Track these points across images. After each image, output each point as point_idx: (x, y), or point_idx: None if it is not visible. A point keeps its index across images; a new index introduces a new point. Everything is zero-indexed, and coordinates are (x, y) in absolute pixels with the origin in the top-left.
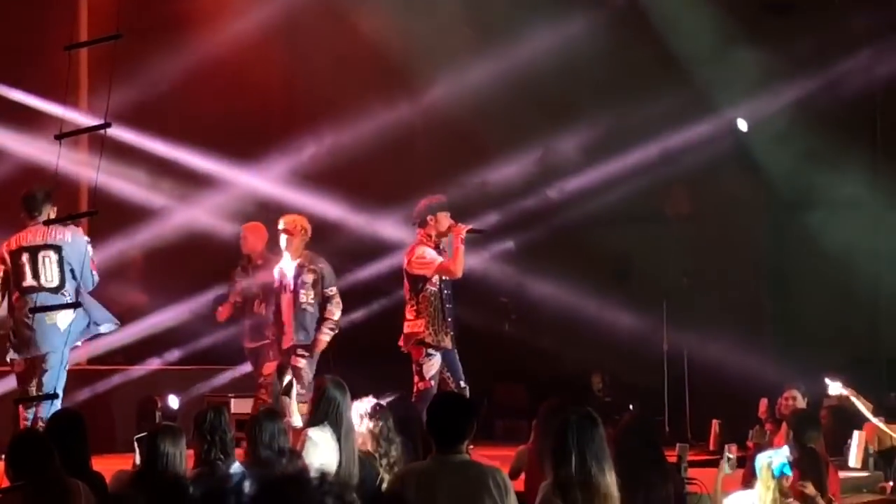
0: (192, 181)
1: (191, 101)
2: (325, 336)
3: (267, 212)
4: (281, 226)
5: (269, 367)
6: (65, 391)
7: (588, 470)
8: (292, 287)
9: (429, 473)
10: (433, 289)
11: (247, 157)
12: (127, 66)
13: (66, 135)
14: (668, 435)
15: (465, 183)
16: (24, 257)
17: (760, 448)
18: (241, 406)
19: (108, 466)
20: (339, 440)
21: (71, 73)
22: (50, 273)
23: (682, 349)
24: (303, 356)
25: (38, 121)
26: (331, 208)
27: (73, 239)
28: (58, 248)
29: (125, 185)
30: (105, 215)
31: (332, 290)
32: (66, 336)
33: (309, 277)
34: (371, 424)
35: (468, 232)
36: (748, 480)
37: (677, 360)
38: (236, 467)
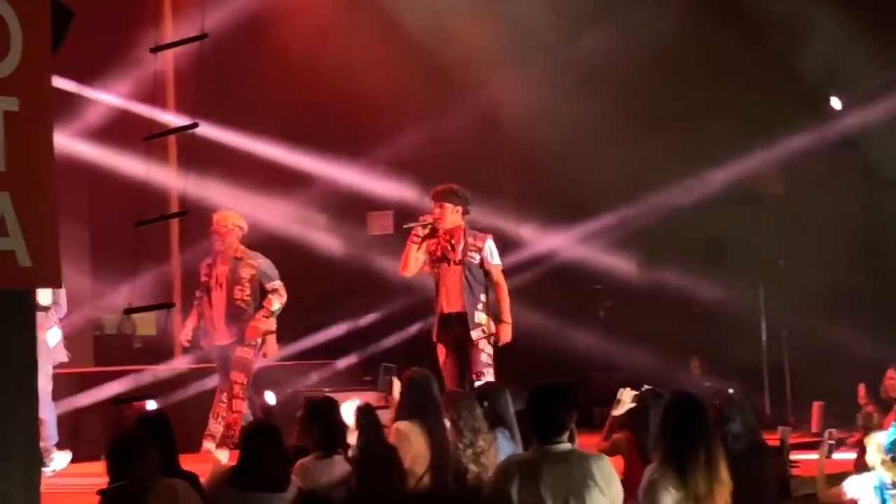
0: (281, 177)
1: (276, 97)
2: (260, 324)
3: (358, 206)
4: (213, 225)
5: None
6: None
7: (699, 455)
8: (226, 284)
9: (531, 464)
10: None
11: (338, 151)
12: (211, 65)
13: (155, 136)
14: (769, 418)
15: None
16: None
17: (869, 431)
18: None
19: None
20: (429, 432)
21: (157, 74)
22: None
23: (781, 331)
24: (246, 347)
25: (125, 123)
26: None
27: None
28: None
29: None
30: (194, 216)
31: (275, 284)
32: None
33: (246, 273)
34: (456, 415)
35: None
36: (861, 464)
37: (776, 342)
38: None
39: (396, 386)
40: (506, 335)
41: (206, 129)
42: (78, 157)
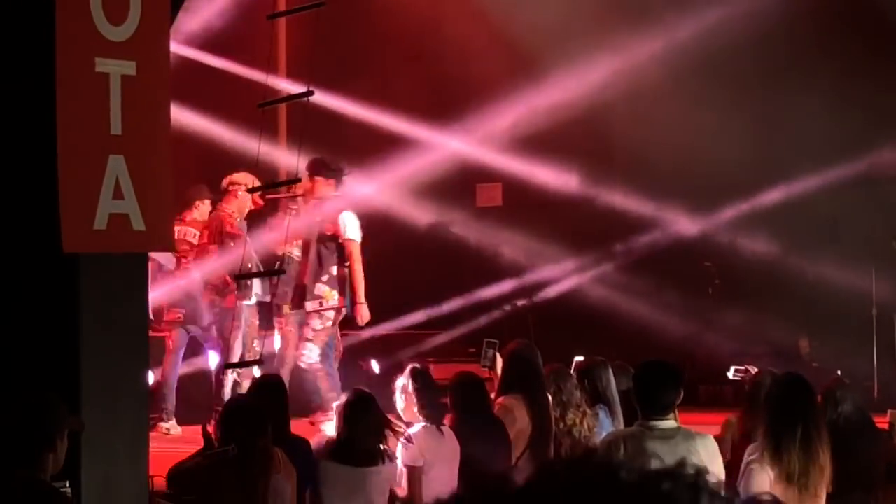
0: (392, 147)
1: (389, 65)
2: None
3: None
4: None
5: None
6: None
7: (797, 434)
8: None
9: (636, 439)
10: None
11: (450, 122)
12: (325, 32)
13: (270, 103)
14: (878, 401)
15: None
16: None
17: None
18: (440, 372)
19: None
20: (531, 406)
21: (272, 40)
22: None
23: (892, 313)
24: None
25: (240, 91)
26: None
27: None
28: None
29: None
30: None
31: None
32: None
33: None
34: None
35: None
36: None
37: (887, 324)
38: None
39: (499, 361)
40: (361, 316)
41: (320, 97)
42: (191, 124)
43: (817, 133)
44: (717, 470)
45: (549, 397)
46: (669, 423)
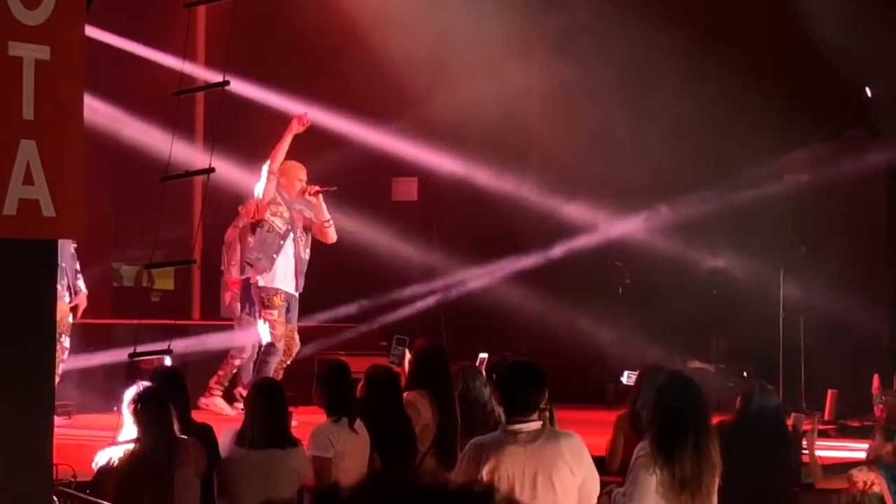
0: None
1: (307, 57)
2: None
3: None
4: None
5: None
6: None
7: (688, 437)
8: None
9: (497, 444)
10: None
11: (365, 114)
12: (242, 19)
13: (185, 91)
14: (783, 403)
15: None
16: None
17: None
18: (352, 364)
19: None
20: (436, 404)
21: (189, 29)
22: None
23: (799, 316)
24: None
25: (156, 78)
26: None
27: None
28: None
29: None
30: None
31: None
32: None
33: None
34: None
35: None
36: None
37: (793, 327)
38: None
39: (407, 357)
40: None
41: (237, 86)
42: (105, 110)
43: (733, 136)
44: (586, 468)
45: (455, 396)
46: (533, 425)
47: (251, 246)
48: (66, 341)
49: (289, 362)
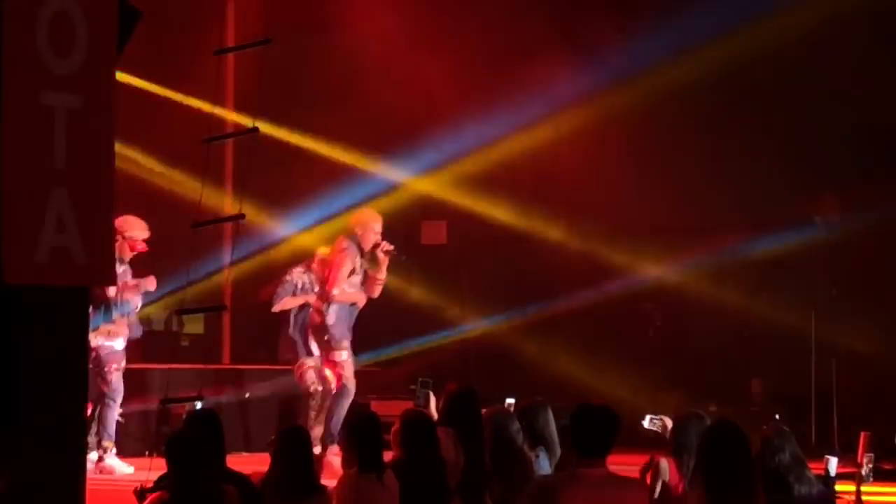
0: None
1: (337, 102)
2: None
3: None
4: None
5: None
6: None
7: (738, 486)
8: None
9: (565, 485)
10: None
11: (396, 156)
12: (274, 66)
13: (216, 139)
14: (814, 447)
15: None
16: None
17: None
18: (381, 408)
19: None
20: (464, 443)
21: (219, 75)
22: None
23: (831, 359)
24: None
25: (186, 124)
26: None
27: None
28: None
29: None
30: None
31: None
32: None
33: None
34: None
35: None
36: None
37: (825, 370)
38: None
39: (432, 400)
40: None
41: (267, 130)
42: (137, 157)
43: (765, 177)
44: None
45: (484, 439)
46: (602, 471)
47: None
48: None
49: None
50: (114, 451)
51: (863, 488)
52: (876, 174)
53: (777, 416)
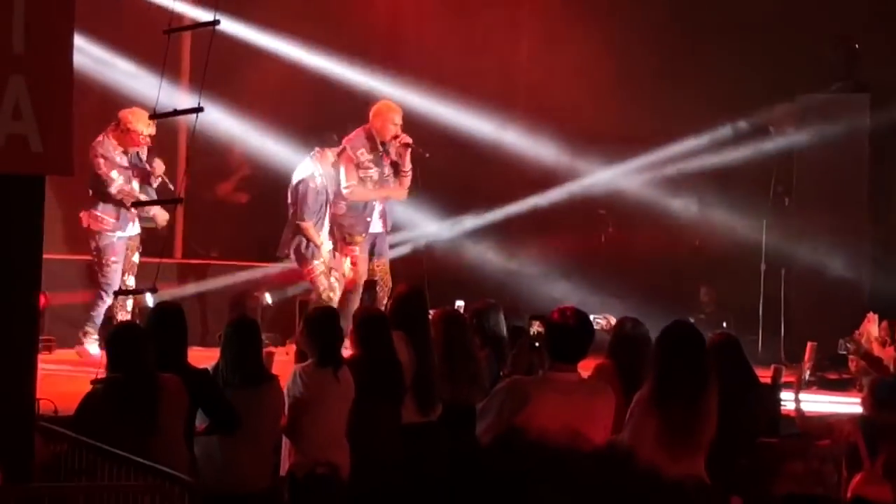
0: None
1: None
2: None
3: None
4: None
5: None
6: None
7: (687, 386)
8: None
9: (537, 389)
10: None
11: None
12: None
13: (176, 30)
14: (761, 355)
15: None
16: None
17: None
18: None
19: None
20: (413, 345)
21: None
22: None
23: (780, 268)
24: None
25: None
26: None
27: None
28: None
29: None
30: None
31: None
32: None
33: None
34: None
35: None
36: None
37: (774, 279)
38: None
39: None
40: None
41: (227, 26)
42: (92, 49)
43: (722, 86)
44: (608, 424)
45: (430, 339)
46: (574, 376)
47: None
48: (129, 280)
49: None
50: (95, 338)
51: (806, 396)
52: (832, 84)
53: (724, 325)
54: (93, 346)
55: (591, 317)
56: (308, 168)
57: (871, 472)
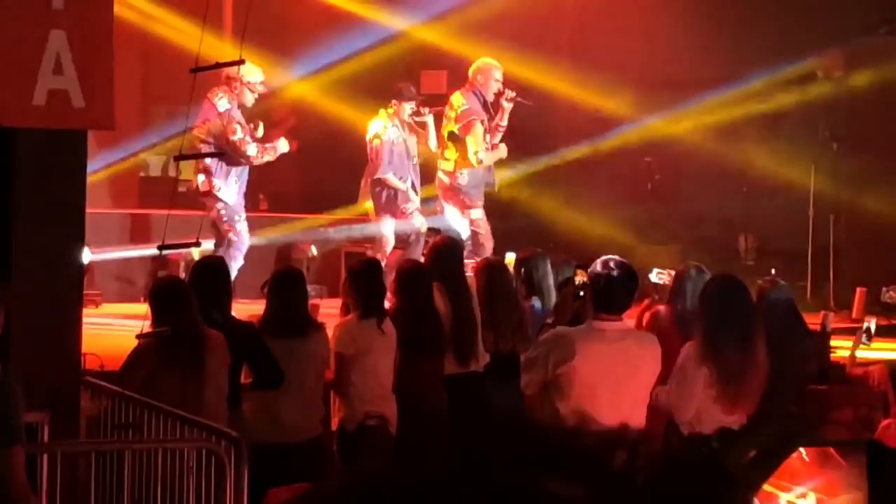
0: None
1: None
2: None
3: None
4: None
5: None
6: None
7: (735, 335)
8: None
9: (584, 339)
10: None
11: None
12: None
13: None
14: (810, 302)
15: None
16: None
17: None
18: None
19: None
20: (452, 295)
21: None
22: None
23: (829, 214)
24: None
25: None
26: None
27: None
28: None
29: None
30: None
31: None
32: None
33: None
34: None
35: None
36: None
37: (823, 225)
38: None
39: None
40: None
41: None
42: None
43: (764, 31)
44: (657, 371)
45: (470, 290)
46: (620, 324)
47: None
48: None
49: None
50: None
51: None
52: (878, 27)
53: (773, 271)
54: None
55: (655, 271)
56: (380, 122)
57: None
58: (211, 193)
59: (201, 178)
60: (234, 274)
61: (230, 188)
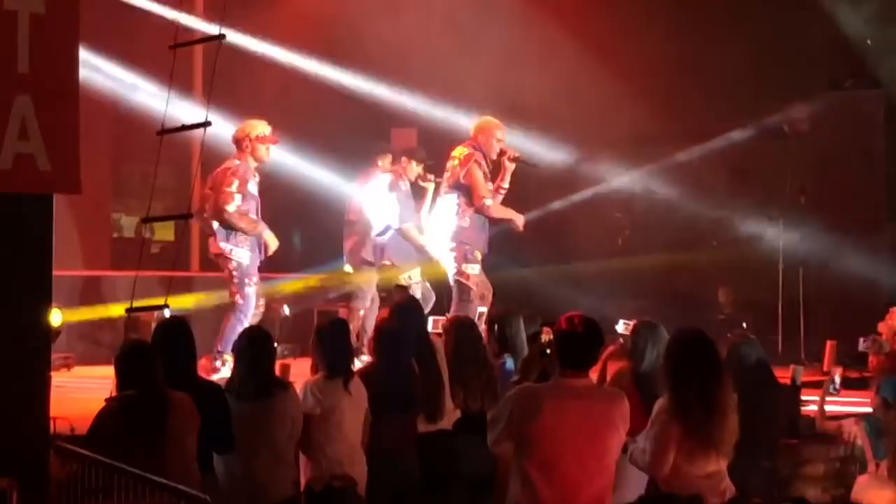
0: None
1: (307, 9)
2: None
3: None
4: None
5: None
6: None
7: (702, 394)
8: None
9: (553, 397)
10: None
11: (367, 67)
12: None
13: (182, 45)
14: (781, 356)
15: None
16: None
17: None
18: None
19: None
20: (419, 359)
21: None
22: None
23: (799, 267)
24: None
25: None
26: None
27: None
28: None
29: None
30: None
31: None
32: None
33: None
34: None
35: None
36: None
37: (792, 278)
38: None
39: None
40: None
41: (234, 38)
42: (101, 64)
43: (732, 87)
44: (627, 428)
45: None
46: (587, 381)
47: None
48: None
49: None
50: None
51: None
52: (844, 81)
53: (744, 325)
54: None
55: (622, 322)
56: (389, 177)
57: (876, 473)
58: (222, 255)
59: (212, 240)
60: (232, 339)
61: (242, 250)
